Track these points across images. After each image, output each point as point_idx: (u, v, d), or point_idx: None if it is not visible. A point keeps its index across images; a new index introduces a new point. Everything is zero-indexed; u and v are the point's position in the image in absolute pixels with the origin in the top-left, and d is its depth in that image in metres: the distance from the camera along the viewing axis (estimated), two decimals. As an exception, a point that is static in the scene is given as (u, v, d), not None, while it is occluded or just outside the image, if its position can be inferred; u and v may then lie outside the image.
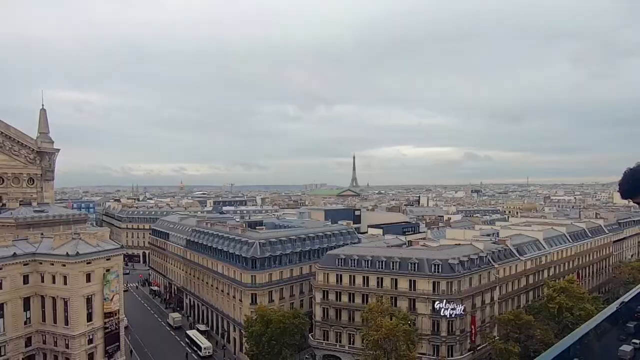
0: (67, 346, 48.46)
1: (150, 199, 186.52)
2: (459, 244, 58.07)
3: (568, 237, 71.50)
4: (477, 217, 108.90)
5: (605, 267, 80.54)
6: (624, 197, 4.75)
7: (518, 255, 60.35)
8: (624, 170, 4.66)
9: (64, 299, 48.47)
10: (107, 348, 51.52)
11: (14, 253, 47.73)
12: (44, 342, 49.50)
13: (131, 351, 59.84)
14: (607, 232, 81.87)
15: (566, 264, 69.77)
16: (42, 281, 49.12)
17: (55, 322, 48.97)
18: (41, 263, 49.02)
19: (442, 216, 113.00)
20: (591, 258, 76.25)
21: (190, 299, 76.66)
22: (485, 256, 55.25)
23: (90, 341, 49.87)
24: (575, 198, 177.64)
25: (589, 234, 76.72)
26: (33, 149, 71.96)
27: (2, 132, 68.08)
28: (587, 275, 75.31)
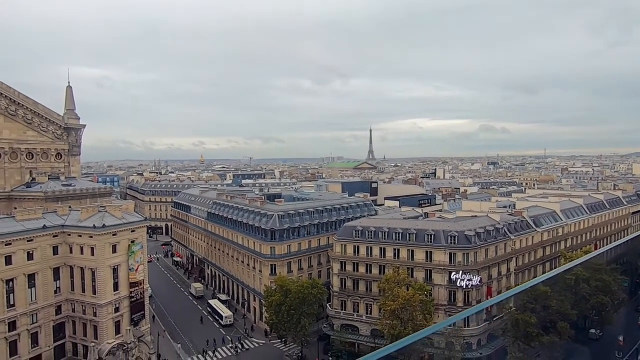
0: (94, 314, 50.49)
1: (172, 172, 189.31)
2: (475, 216, 58.43)
3: (585, 209, 71.35)
4: (493, 189, 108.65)
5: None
6: None
7: (534, 227, 60.59)
8: None
9: (91, 269, 50.29)
10: (133, 316, 53.47)
11: (44, 225, 49.49)
12: (73, 310, 51.63)
13: (153, 317, 61.99)
14: (625, 203, 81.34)
15: (583, 235, 69.81)
16: (71, 252, 50.95)
17: (83, 291, 50.97)
18: (69, 235, 50.78)
19: (459, 188, 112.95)
20: (609, 229, 76.11)
21: (211, 270, 78.73)
22: (502, 227, 55.63)
23: (116, 309, 51.82)
24: (593, 169, 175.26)
25: (607, 206, 76.38)
26: (60, 125, 73.54)
27: (31, 109, 69.65)
28: (605, 246, 75.36)
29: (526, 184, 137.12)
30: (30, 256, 48.31)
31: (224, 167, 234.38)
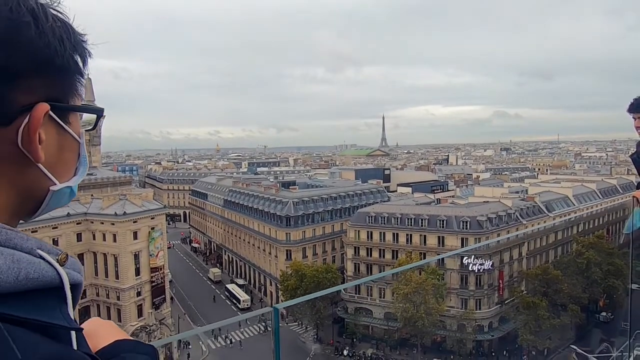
0: (118, 298, 52.55)
1: (189, 161, 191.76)
2: (487, 202, 59.13)
3: (598, 194, 71.51)
4: (506, 175, 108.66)
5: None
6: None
7: (547, 212, 61.16)
8: None
9: (113, 255, 52.26)
10: (154, 300, 55.47)
11: (68, 213, 51.42)
12: (97, 295, 53.75)
13: (172, 299, 63.93)
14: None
15: (596, 220, 70.14)
16: (94, 239, 52.92)
17: (106, 276, 52.99)
18: (92, 222, 52.72)
19: (471, 174, 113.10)
20: (622, 214, 76.22)
21: (228, 255, 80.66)
22: (514, 213, 56.37)
23: (138, 294, 53.81)
24: (607, 154, 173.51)
25: (620, 190, 76.40)
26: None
27: (51, 100, 71.81)
28: (617, 231, 75.55)
29: (539, 169, 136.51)
30: (55, 243, 50.14)
31: (240, 156, 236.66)
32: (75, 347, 0.63)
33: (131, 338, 0.83)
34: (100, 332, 0.84)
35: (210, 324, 58.13)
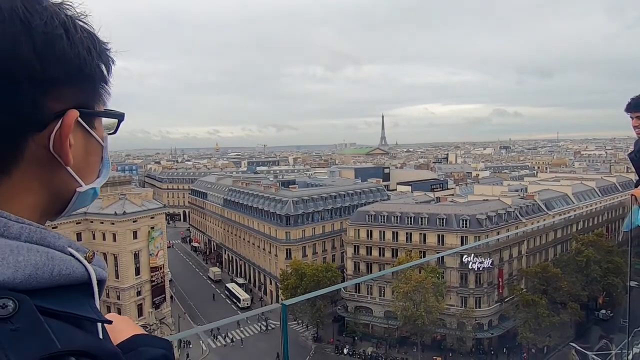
0: (118, 297, 52.57)
1: (188, 160, 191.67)
2: (487, 200, 59.24)
3: (598, 192, 71.61)
4: (505, 173, 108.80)
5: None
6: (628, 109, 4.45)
7: (546, 210, 61.25)
8: None
9: (113, 254, 52.26)
10: (154, 299, 55.52)
11: (67, 213, 51.46)
12: (98, 294, 53.75)
13: (172, 297, 63.98)
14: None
15: (595, 218, 70.22)
16: (94, 238, 52.91)
17: (107, 275, 52.98)
18: (92, 222, 52.72)
19: (471, 173, 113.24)
20: (622, 212, 76.31)
21: (228, 254, 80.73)
22: (513, 211, 56.46)
23: (138, 293, 53.84)
24: (606, 152, 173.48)
25: (620, 188, 76.50)
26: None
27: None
28: (616, 229, 75.63)
29: (538, 167, 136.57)
30: (55, 242, 50.36)
31: (239, 155, 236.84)
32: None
33: (147, 333, 0.87)
34: (119, 326, 0.88)
35: (217, 321, 58.10)
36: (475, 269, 51.65)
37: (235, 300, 64.94)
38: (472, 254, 51.39)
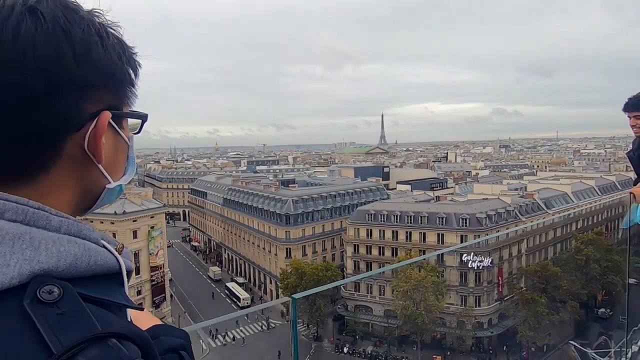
0: (118, 297, 52.64)
1: (188, 160, 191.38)
2: (487, 199, 59.33)
3: (597, 190, 71.69)
4: (505, 172, 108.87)
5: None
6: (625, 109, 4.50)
7: (546, 209, 61.31)
8: None
9: (114, 254, 52.25)
10: (154, 299, 55.55)
11: (67, 212, 51.53)
12: (98, 294, 53.82)
13: (172, 297, 64.02)
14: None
15: (595, 216, 70.30)
16: (94, 238, 52.94)
17: (107, 275, 53.04)
18: (92, 221, 52.60)
19: (470, 172, 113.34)
20: (621, 210, 76.38)
21: (228, 254, 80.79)
22: (513, 210, 56.51)
23: (138, 292, 53.83)
24: (605, 151, 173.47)
25: (619, 187, 76.57)
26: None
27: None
28: (616, 227, 75.59)
29: (538, 166, 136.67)
30: (55, 242, 50.41)
31: (239, 154, 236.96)
32: None
33: (165, 323, 0.92)
34: (139, 317, 0.93)
35: (226, 315, 58.23)
36: (475, 268, 51.68)
37: (235, 300, 64.98)
38: (472, 253, 51.48)
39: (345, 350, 50.49)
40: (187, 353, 0.82)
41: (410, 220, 55.04)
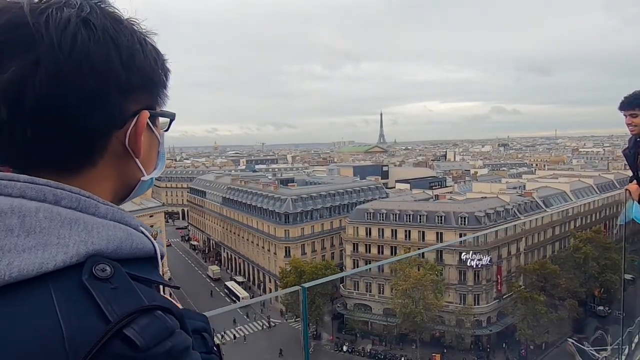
0: (118, 296, 52.72)
1: (187, 159, 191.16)
2: (485, 197, 59.44)
3: (595, 189, 71.82)
4: (503, 170, 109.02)
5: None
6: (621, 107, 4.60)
7: (544, 207, 61.43)
8: None
9: (113, 253, 52.33)
10: (154, 298, 55.62)
11: (67, 211, 51.60)
12: (98, 293, 53.90)
13: (171, 295, 63.70)
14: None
15: (593, 215, 70.46)
16: (93, 237, 53.01)
17: (106, 274, 53.10)
18: (91, 220, 52.84)
19: (469, 170, 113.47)
20: (619, 209, 76.53)
21: (227, 253, 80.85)
22: (511, 208, 56.61)
23: (138, 291, 53.95)
24: (604, 150, 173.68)
25: (617, 185, 76.73)
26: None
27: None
28: (614, 225, 75.79)
29: (536, 165, 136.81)
30: (55, 241, 50.42)
31: (238, 153, 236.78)
32: None
33: (186, 308, 0.96)
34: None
35: (241, 302, 59.11)
36: (474, 266, 51.79)
37: (234, 299, 65.06)
38: (471, 251, 51.57)
39: (344, 348, 50.60)
40: (209, 335, 0.89)
41: (409, 219, 55.15)
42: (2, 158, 0.76)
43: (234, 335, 51.77)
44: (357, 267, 57.88)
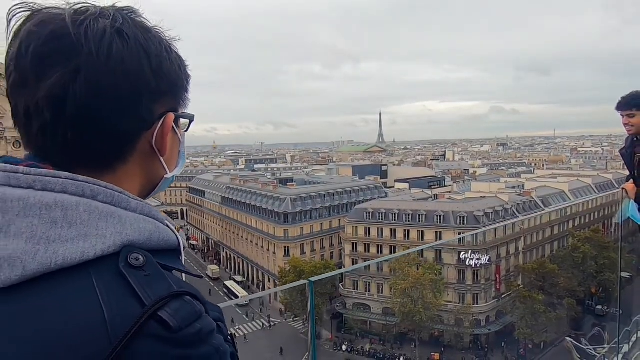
0: (117, 295, 52.72)
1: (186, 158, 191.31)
2: (484, 197, 59.48)
3: (594, 188, 71.89)
4: (502, 170, 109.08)
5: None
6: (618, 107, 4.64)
7: (543, 207, 61.51)
8: None
9: (112, 252, 52.31)
10: (154, 297, 55.58)
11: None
12: (97, 292, 53.90)
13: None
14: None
15: (592, 214, 70.52)
16: (93, 237, 53.01)
17: (106, 273, 53.11)
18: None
19: (468, 170, 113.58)
20: (617, 208, 76.61)
21: (226, 252, 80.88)
22: (510, 208, 56.68)
23: (138, 291, 53.94)
24: (603, 149, 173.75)
25: (616, 185, 76.74)
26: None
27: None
28: (612, 225, 75.84)
29: (535, 164, 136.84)
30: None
31: (237, 153, 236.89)
32: None
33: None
34: None
35: (249, 295, 59.29)
36: (473, 266, 51.83)
37: (234, 298, 65.05)
38: (470, 251, 51.62)
39: (343, 348, 50.61)
40: (224, 325, 0.94)
41: (408, 218, 55.21)
42: (43, 156, 0.82)
43: (235, 334, 51.69)
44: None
